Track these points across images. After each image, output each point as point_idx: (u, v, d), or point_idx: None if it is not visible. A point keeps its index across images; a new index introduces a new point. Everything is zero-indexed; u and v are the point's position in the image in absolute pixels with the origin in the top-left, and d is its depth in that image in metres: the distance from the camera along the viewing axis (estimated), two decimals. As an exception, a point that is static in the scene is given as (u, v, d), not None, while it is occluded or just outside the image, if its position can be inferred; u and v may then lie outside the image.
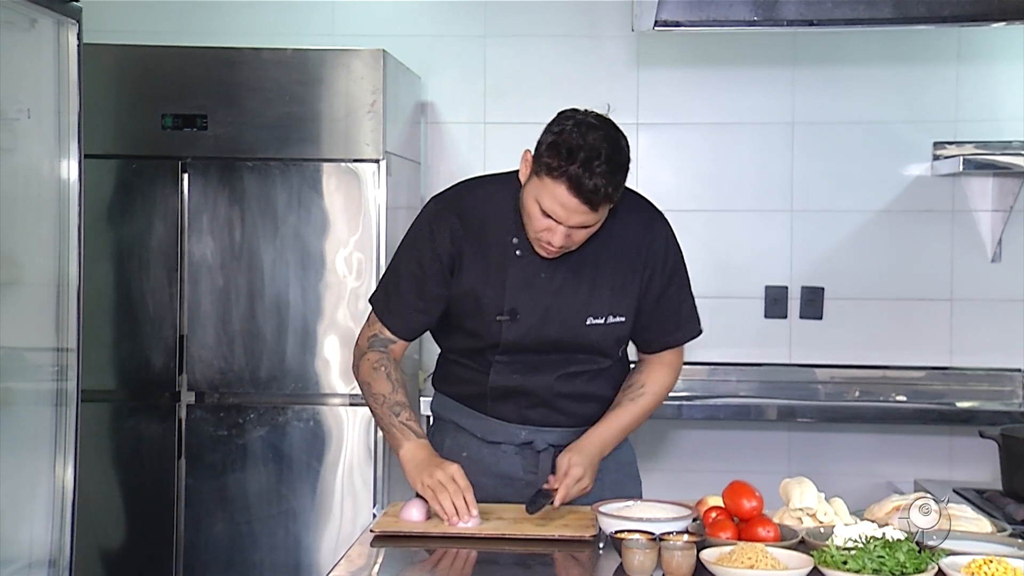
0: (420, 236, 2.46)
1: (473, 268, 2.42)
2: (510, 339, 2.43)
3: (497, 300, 2.42)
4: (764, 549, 1.98)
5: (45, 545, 2.97)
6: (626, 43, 4.20)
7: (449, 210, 2.45)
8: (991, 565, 1.93)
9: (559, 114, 2.31)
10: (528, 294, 2.41)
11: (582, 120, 2.26)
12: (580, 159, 2.20)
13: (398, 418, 2.43)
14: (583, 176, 2.20)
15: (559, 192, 2.23)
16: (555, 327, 2.43)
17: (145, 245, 3.61)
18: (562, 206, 2.24)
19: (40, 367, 3.00)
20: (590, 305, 2.43)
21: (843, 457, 4.13)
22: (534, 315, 2.42)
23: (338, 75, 3.58)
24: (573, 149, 2.21)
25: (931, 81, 4.14)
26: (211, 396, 3.60)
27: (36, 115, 2.95)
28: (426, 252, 2.43)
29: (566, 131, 2.23)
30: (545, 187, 2.25)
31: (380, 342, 2.50)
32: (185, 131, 3.59)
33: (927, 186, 4.15)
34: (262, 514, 3.58)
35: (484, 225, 2.42)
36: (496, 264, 2.41)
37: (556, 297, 2.42)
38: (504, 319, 2.42)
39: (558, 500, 2.33)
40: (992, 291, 4.14)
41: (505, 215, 2.41)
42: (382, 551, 2.20)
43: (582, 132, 2.23)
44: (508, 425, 2.50)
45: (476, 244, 2.42)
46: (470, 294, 2.43)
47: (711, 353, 4.16)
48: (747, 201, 4.20)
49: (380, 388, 2.46)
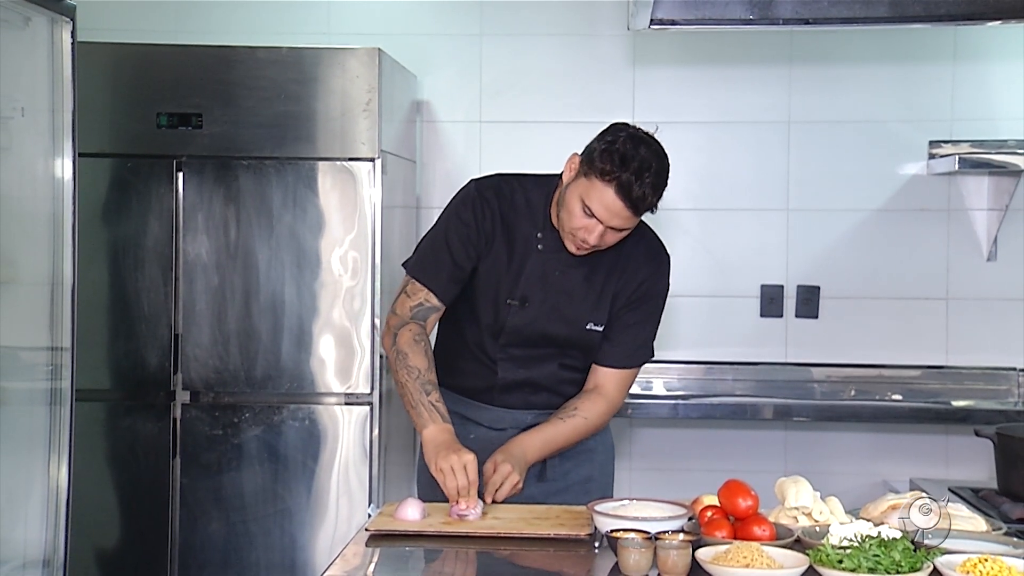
0: (464, 209, 2.58)
1: (499, 251, 2.56)
2: (514, 324, 2.55)
3: (511, 286, 2.55)
4: (760, 548, 1.98)
5: (39, 545, 2.97)
6: (622, 42, 4.20)
7: (491, 192, 2.58)
8: (986, 564, 1.93)
9: (612, 125, 2.49)
10: (540, 286, 2.55)
11: (634, 134, 2.45)
12: (633, 168, 2.38)
13: (428, 397, 2.49)
14: (634, 183, 2.38)
15: (607, 195, 2.39)
16: (558, 323, 2.57)
17: (140, 244, 3.60)
18: (607, 208, 2.40)
19: (34, 366, 2.99)
20: (593, 312, 2.57)
21: (839, 456, 4.13)
22: (542, 306, 2.55)
23: (334, 74, 3.58)
24: (627, 158, 2.39)
25: (927, 80, 4.14)
26: (206, 395, 3.60)
27: (30, 113, 2.95)
28: (471, 224, 2.56)
29: (620, 140, 2.41)
30: (594, 188, 2.40)
31: (424, 311, 2.58)
32: (180, 130, 3.58)
33: (923, 185, 4.15)
34: (257, 513, 3.58)
35: (516, 215, 2.57)
36: (519, 253, 2.56)
37: (565, 296, 2.56)
38: (514, 303, 2.55)
39: (488, 497, 2.41)
40: (988, 290, 4.14)
41: (536, 211, 2.57)
42: (377, 550, 2.19)
43: (635, 144, 2.41)
44: (514, 412, 2.63)
45: (506, 230, 2.56)
46: (491, 273, 2.56)
47: (707, 352, 4.16)
48: (743, 200, 4.20)
49: (417, 362, 2.52)
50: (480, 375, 2.62)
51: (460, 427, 2.56)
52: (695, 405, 3.95)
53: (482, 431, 2.63)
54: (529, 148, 4.16)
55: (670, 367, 4.16)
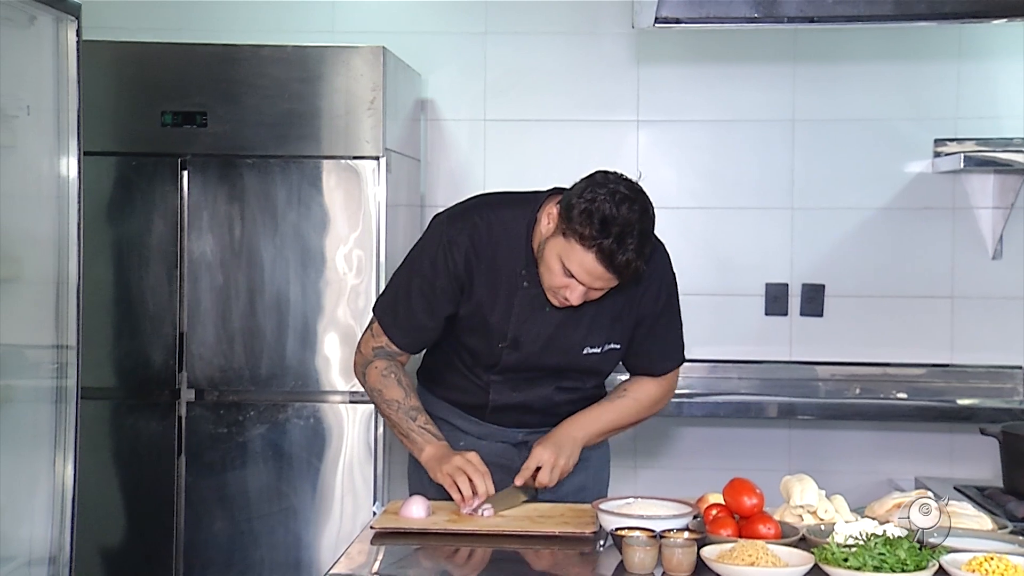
0: (432, 254, 2.45)
1: (482, 291, 2.44)
2: (509, 363, 2.49)
3: (501, 327, 2.45)
4: (765, 546, 1.98)
5: (45, 542, 2.97)
6: (626, 40, 4.19)
7: (463, 232, 2.44)
8: (992, 562, 1.93)
9: (591, 178, 2.29)
10: (531, 325, 2.45)
11: (615, 190, 2.25)
12: (614, 234, 2.21)
13: (416, 423, 2.48)
14: (616, 251, 2.22)
15: (587, 260, 2.25)
16: (553, 355, 2.48)
17: (145, 242, 3.60)
18: (588, 272, 2.27)
19: (40, 364, 2.99)
20: (588, 337, 2.47)
21: (844, 454, 4.13)
22: (535, 344, 2.46)
23: (338, 72, 3.58)
24: (607, 221, 2.22)
25: (932, 78, 4.14)
26: (211, 393, 3.60)
27: (35, 112, 2.95)
28: (440, 271, 2.43)
29: (599, 200, 2.23)
30: (573, 251, 2.26)
31: (385, 353, 2.53)
32: (185, 128, 3.58)
33: (928, 183, 4.14)
34: (262, 511, 3.58)
35: (496, 251, 2.43)
36: (504, 291, 2.43)
37: (557, 329, 2.46)
38: (505, 347, 2.46)
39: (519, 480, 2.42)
40: (993, 288, 4.14)
41: (516, 244, 2.42)
42: (382, 548, 2.20)
43: (616, 204, 2.23)
44: (505, 429, 2.58)
45: (487, 269, 2.43)
46: (477, 314, 2.46)
47: (711, 350, 4.16)
48: (747, 198, 4.20)
49: (393, 395, 2.50)
50: (471, 392, 2.56)
51: (449, 434, 2.53)
52: (700, 403, 3.95)
53: (471, 440, 2.58)
54: (533, 146, 4.16)
55: (674, 365, 4.15)
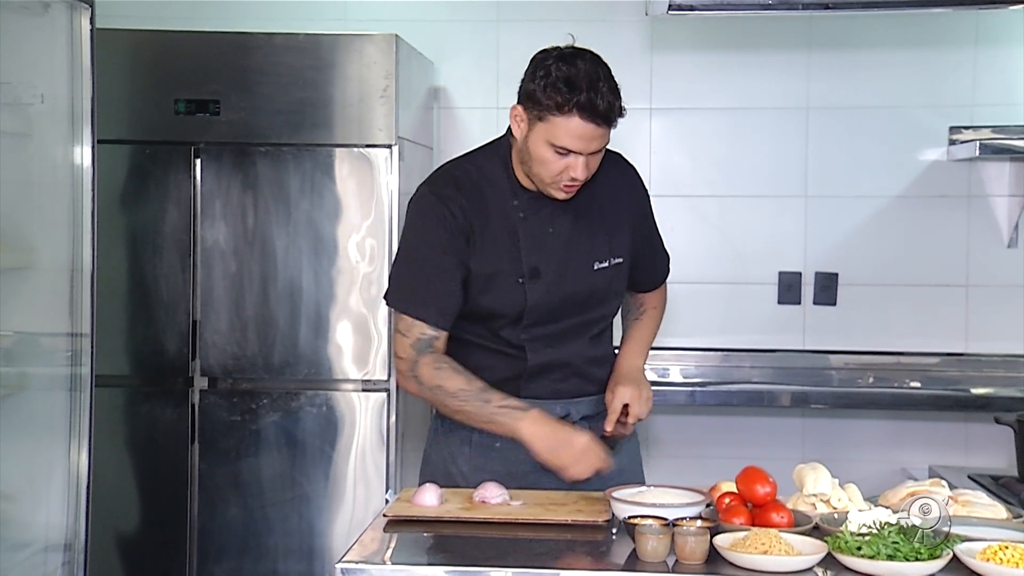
0: (431, 220, 2.43)
1: (486, 240, 2.44)
2: (534, 300, 2.44)
3: (515, 264, 2.44)
4: (778, 535, 1.98)
5: (60, 529, 2.99)
6: (640, 28, 4.18)
7: (447, 186, 2.46)
8: (1006, 551, 1.92)
9: (532, 62, 2.37)
10: (542, 251, 2.46)
11: (560, 54, 2.33)
12: (584, 87, 2.27)
13: (491, 405, 2.40)
14: (595, 100, 2.27)
15: (573, 125, 2.29)
16: (571, 280, 2.48)
17: (158, 230, 3.61)
18: (580, 137, 2.30)
19: (54, 352, 3.01)
20: (593, 251, 2.50)
21: (857, 443, 4.12)
22: (553, 271, 2.46)
23: (351, 60, 3.58)
24: (571, 80, 2.28)
25: (948, 65, 4.11)
26: (224, 382, 3.61)
27: (49, 100, 2.95)
28: (443, 234, 2.41)
29: (552, 68, 2.30)
30: (556, 126, 2.30)
31: (425, 343, 2.43)
32: (198, 116, 3.59)
33: (943, 171, 4.12)
34: (275, 499, 3.59)
35: (483, 196, 2.45)
36: (505, 230, 2.44)
37: (566, 250, 2.48)
38: (526, 280, 2.44)
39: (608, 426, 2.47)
40: (1008, 277, 4.12)
41: (500, 181, 2.46)
42: (395, 536, 2.20)
43: (568, 62, 2.30)
44: (542, 403, 2.48)
45: (482, 216, 2.44)
46: (488, 264, 2.44)
47: (724, 339, 4.15)
48: (761, 186, 4.18)
49: (454, 384, 2.41)
50: (506, 366, 2.48)
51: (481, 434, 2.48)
52: (713, 392, 3.95)
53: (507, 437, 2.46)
54: (546, 134, 4.15)
55: (687, 354, 4.15)
